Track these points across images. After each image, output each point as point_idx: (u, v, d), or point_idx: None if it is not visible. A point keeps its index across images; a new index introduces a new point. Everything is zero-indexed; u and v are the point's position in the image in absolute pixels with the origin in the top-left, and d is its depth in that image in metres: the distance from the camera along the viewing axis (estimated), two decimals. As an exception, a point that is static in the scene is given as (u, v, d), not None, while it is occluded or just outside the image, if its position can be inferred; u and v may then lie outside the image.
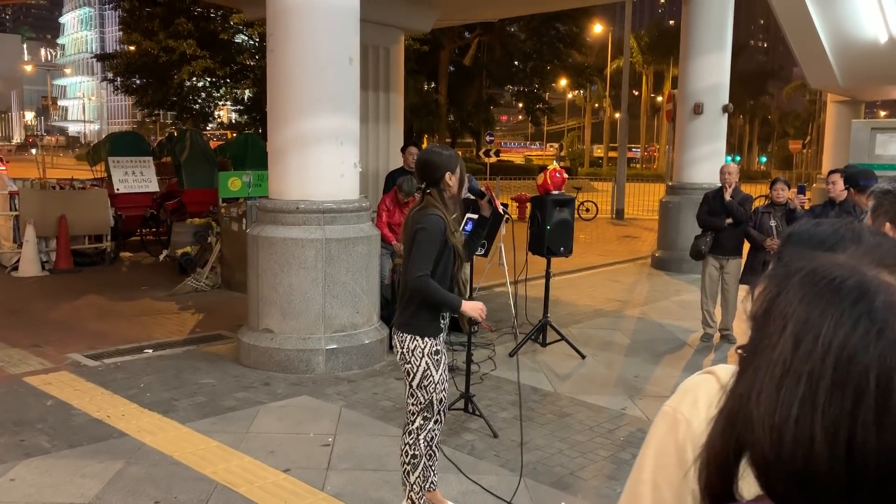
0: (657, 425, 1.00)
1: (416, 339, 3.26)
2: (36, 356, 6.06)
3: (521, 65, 30.36)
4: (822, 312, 0.56)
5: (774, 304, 0.60)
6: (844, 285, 0.57)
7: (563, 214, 6.42)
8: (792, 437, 0.54)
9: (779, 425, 0.55)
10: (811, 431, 0.54)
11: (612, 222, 18.75)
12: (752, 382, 0.58)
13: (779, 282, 0.62)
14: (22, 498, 3.62)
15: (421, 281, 3.21)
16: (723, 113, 11.00)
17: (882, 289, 0.57)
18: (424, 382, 3.29)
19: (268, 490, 3.75)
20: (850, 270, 0.59)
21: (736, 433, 0.59)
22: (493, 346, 6.44)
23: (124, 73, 25.03)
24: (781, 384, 0.56)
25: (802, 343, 0.56)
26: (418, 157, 3.47)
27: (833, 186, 6.00)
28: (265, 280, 5.88)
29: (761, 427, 0.56)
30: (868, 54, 14.31)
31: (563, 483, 3.95)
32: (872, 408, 0.53)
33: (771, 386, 0.57)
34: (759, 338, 0.60)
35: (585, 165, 49.45)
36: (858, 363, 0.54)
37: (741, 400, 0.59)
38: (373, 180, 10.28)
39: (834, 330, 0.55)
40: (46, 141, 55.12)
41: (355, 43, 5.97)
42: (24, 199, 10.24)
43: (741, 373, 0.61)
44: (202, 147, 12.89)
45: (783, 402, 0.55)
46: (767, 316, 0.60)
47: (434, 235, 3.22)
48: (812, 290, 0.58)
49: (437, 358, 3.29)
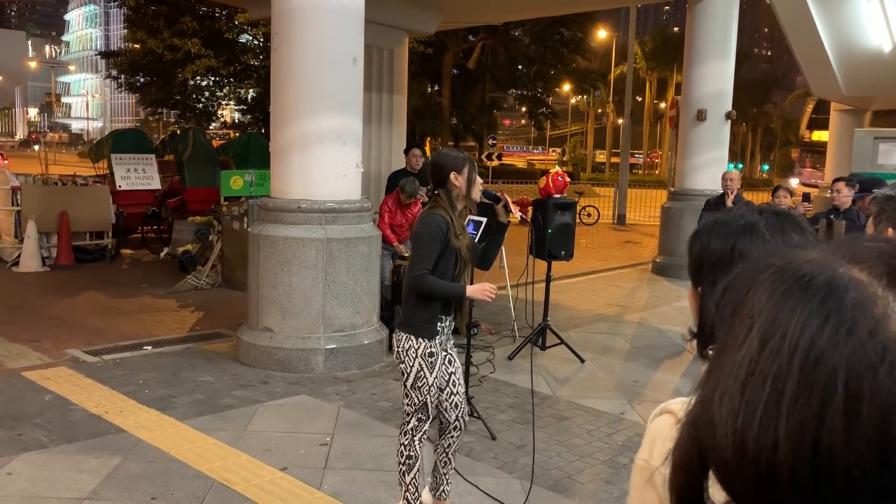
0: (635, 480, 1.00)
1: (411, 339, 3.26)
2: (35, 351, 6.06)
3: (525, 69, 30.36)
4: (789, 311, 0.53)
5: (742, 302, 0.58)
6: (813, 282, 0.54)
7: (564, 218, 6.42)
8: (755, 442, 0.52)
9: (741, 429, 0.52)
10: (775, 436, 0.51)
11: (614, 227, 18.75)
12: (716, 384, 0.56)
13: (747, 279, 0.59)
14: (18, 492, 3.62)
15: (419, 279, 3.21)
16: (726, 120, 11.00)
17: (852, 285, 0.53)
18: (418, 384, 3.28)
19: (265, 488, 3.74)
20: (821, 267, 0.56)
21: (699, 437, 0.57)
22: (492, 349, 6.43)
23: (128, 70, 25.04)
24: (745, 386, 0.53)
25: (769, 343, 0.53)
26: (431, 157, 3.51)
27: (838, 194, 5.99)
28: (265, 279, 5.87)
29: (723, 431, 0.53)
30: (872, 63, 14.31)
31: (560, 486, 3.94)
32: (840, 412, 0.50)
33: (735, 388, 0.54)
34: (726, 338, 0.58)
35: (588, 170, 49.47)
36: (826, 364, 0.51)
37: (704, 403, 0.57)
38: (375, 181, 10.29)
39: (801, 329, 0.52)
40: (49, 137, 55.18)
41: (359, 43, 5.97)
42: (26, 195, 10.25)
43: (707, 374, 0.58)
44: (205, 146, 12.90)
45: (747, 404, 0.52)
46: (735, 315, 0.58)
47: (433, 234, 3.22)
48: (780, 288, 0.55)
49: (432, 360, 3.28)
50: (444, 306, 3.32)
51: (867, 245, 0.59)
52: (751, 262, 0.62)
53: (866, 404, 0.50)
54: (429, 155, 8.59)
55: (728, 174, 6.89)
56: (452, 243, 3.25)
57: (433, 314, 3.28)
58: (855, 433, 0.50)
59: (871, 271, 0.55)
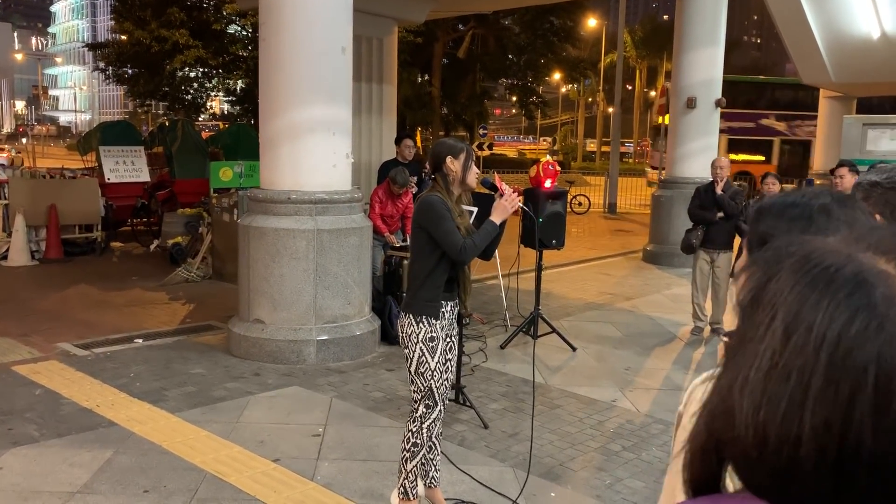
0: (675, 429, 1.08)
1: (413, 324, 3.28)
2: (25, 345, 6.03)
3: (515, 58, 30.27)
4: (815, 303, 0.52)
5: (764, 291, 0.56)
6: (840, 274, 0.53)
7: (555, 207, 6.42)
8: (777, 436, 0.51)
9: (763, 423, 0.52)
10: (799, 430, 0.50)
11: (605, 216, 18.78)
12: (736, 375, 0.55)
13: (768, 267, 0.57)
14: (10, 486, 3.61)
15: (463, 251, 3.24)
16: (715, 107, 11.01)
17: (881, 279, 0.52)
18: (421, 369, 3.30)
19: (257, 479, 3.74)
20: (846, 258, 0.54)
21: (717, 429, 0.56)
22: (484, 339, 6.44)
23: (116, 62, 24.82)
24: (768, 379, 0.52)
25: (794, 336, 0.52)
26: (434, 144, 3.52)
27: (841, 180, 5.94)
28: (256, 270, 5.86)
29: (744, 424, 0.53)
30: (861, 50, 14.35)
31: (552, 474, 3.96)
32: (869, 409, 0.49)
33: (757, 381, 0.53)
34: (745, 327, 0.56)
35: (578, 160, 49.46)
36: (855, 360, 0.50)
37: (723, 393, 0.56)
38: (365, 172, 10.25)
39: (829, 323, 0.51)
40: (37, 130, 54.76)
41: (348, 33, 5.94)
42: (13, 188, 10.17)
43: (726, 364, 0.57)
44: (194, 137, 12.83)
45: (770, 398, 0.52)
46: (756, 304, 0.56)
47: (442, 212, 3.25)
48: (805, 279, 0.54)
49: (433, 345, 3.29)
50: (447, 288, 3.33)
51: (890, 234, 0.58)
52: (773, 248, 0.59)
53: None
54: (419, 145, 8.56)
55: (718, 161, 6.90)
56: (455, 221, 3.28)
57: (436, 293, 3.29)
58: (883, 430, 0.49)
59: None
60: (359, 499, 3.61)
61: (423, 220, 3.28)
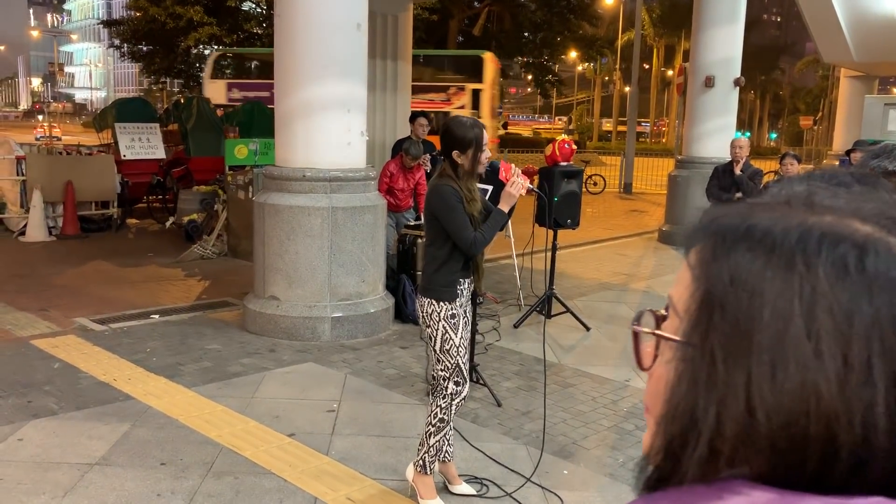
0: None
1: (433, 304, 3.29)
2: (43, 320, 6.10)
3: (531, 36, 29.97)
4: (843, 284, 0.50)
5: (737, 274, 0.52)
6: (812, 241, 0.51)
7: (570, 186, 6.38)
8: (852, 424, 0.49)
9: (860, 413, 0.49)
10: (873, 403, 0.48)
11: (620, 196, 18.67)
12: (753, 373, 0.50)
13: (725, 242, 0.54)
14: (30, 458, 3.67)
15: (473, 244, 3.27)
16: (734, 86, 10.87)
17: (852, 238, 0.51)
18: (446, 346, 3.31)
19: (272, 454, 3.78)
20: (800, 223, 0.52)
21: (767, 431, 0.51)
22: (497, 318, 6.45)
23: (131, 39, 24.87)
24: (846, 369, 0.49)
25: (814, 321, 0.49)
26: (444, 122, 3.48)
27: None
28: (271, 248, 5.88)
29: (839, 418, 0.49)
30: (884, 28, 14.09)
31: (565, 452, 3.97)
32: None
33: (830, 373, 0.49)
34: (756, 317, 0.52)
35: (594, 139, 49.12)
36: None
37: (771, 392, 0.51)
38: (380, 150, 10.22)
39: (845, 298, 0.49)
40: (53, 107, 55.03)
41: (363, 9, 5.89)
42: (30, 165, 10.24)
43: (732, 360, 0.52)
44: (209, 114, 12.83)
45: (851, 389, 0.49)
46: (753, 290, 0.52)
47: (453, 203, 3.25)
48: (774, 254, 0.51)
49: (455, 322, 3.31)
50: (463, 269, 3.35)
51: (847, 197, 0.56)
52: (717, 225, 0.56)
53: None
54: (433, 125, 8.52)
55: (737, 141, 6.83)
56: (467, 210, 3.27)
57: (453, 278, 3.31)
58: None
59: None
60: (373, 473, 3.64)
61: (435, 209, 3.29)
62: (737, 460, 0.52)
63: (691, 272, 0.57)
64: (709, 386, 0.53)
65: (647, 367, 0.61)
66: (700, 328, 0.54)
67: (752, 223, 0.54)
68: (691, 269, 0.57)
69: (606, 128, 57.22)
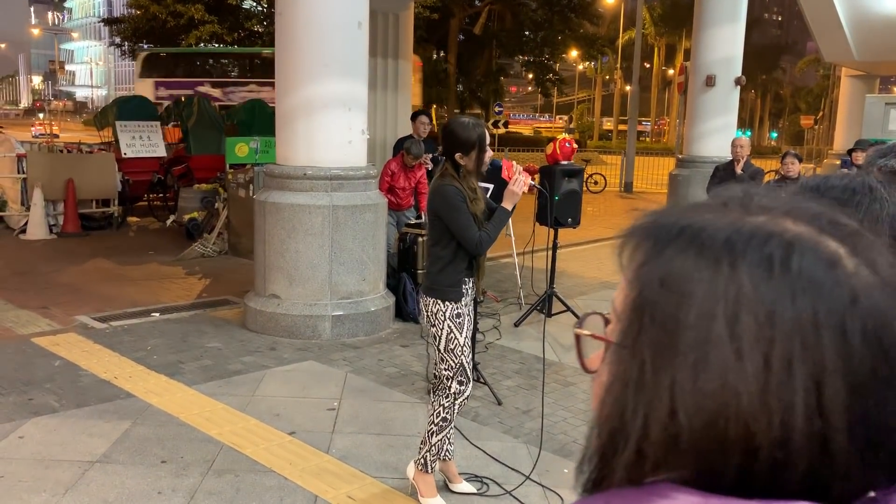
0: None
1: (439, 303, 3.29)
2: (44, 317, 6.10)
3: (532, 34, 29.97)
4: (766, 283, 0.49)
5: (667, 276, 0.52)
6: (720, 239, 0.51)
7: (571, 185, 6.38)
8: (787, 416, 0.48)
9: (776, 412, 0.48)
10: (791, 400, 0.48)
11: (621, 195, 18.66)
12: (678, 372, 0.50)
13: (658, 244, 0.54)
14: (31, 455, 3.67)
15: (480, 244, 3.27)
16: (735, 86, 10.87)
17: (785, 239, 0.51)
18: (451, 346, 3.31)
19: (273, 452, 3.78)
20: (732, 223, 0.52)
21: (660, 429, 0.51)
22: (498, 316, 6.45)
23: (131, 37, 24.86)
24: (766, 366, 0.48)
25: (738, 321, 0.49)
26: (447, 121, 3.48)
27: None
28: (272, 246, 5.88)
29: (760, 415, 0.49)
30: (885, 27, 14.08)
31: (565, 450, 3.98)
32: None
33: (748, 371, 0.49)
34: (681, 319, 0.51)
35: (595, 138, 49.12)
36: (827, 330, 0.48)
37: (693, 394, 0.50)
38: (380, 149, 10.22)
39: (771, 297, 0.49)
40: (54, 105, 55.04)
41: (364, 7, 5.89)
42: (31, 163, 10.24)
43: (659, 362, 0.52)
44: (209, 113, 12.83)
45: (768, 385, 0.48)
46: (681, 291, 0.52)
47: (457, 203, 3.25)
48: (706, 253, 0.51)
49: (460, 321, 3.31)
50: (468, 268, 3.35)
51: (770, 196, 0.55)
52: (649, 225, 0.56)
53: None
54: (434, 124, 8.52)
55: (738, 140, 6.83)
56: (470, 209, 3.27)
57: (458, 278, 3.31)
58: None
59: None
60: (374, 471, 3.64)
61: (438, 210, 3.28)
62: (665, 464, 0.52)
63: (625, 274, 0.57)
64: (637, 388, 0.53)
65: (592, 369, 0.62)
66: (632, 331, 0.54)
67: (685, 224, 0.54)
68: (624, 272, 0.57)
69: (607, 127, 57.20)
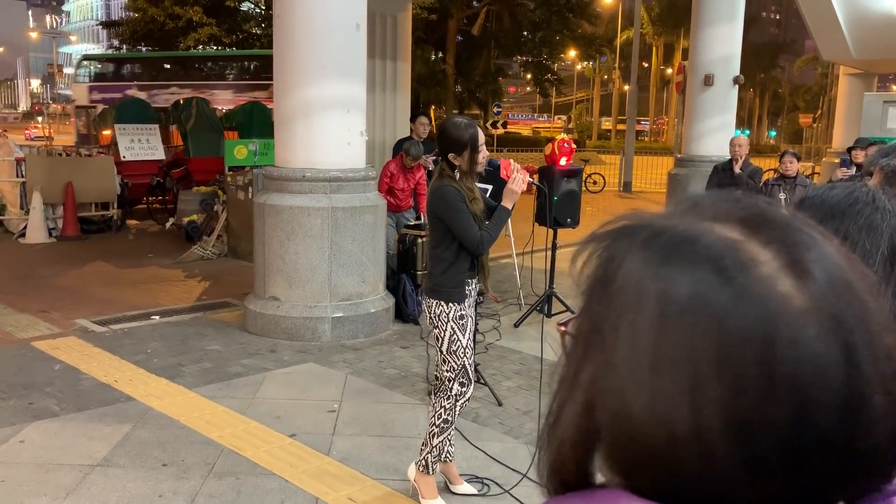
0: None
1: (442, 305, 3.29)
2: (44, 321, 6.10)
3: (530, 35, 29.99)
4: (687, 279, 0.49)
5: (614, 270, 0.52)
6: (696, 245, 0.50)
7: (570, 185, 6.38)
8: (680, 426, 0.47)
9: (662, 415, 0.48)
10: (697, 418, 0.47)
11: (620, 195, 18.66)
12: (611, 371, 0.50)
13: (614, 244, 0.55)
14: (31, 459, 3.67)
15: (481, 244, 3.27)
16: (733, 85, 10.87)
17: (726, 245, 0.50)
18: (453, 347, 3.30)
19: (274, 454, 3.78)
20: (694, 229, 0.51)
21: (603, 423, 0.51)
22: (498, 317, 6.45)
23: (130, 40, 24.88)
24: (655, 369, 0.48)
25: (670, 318, 0.48)
26: (442, 122, 3.48)
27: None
28: (271, 248, 5.88)
29: (648, 421, 0.48)
30: (883, 25, 14.08)
31: (566, 451, 3.97)
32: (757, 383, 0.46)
33: (642, 371, 0.48)
34: (601, 311, 0.52)
35: (594, 138, 49.15)
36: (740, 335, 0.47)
37: (594, 386, 0.51)
38: (379, 150, 10.22)
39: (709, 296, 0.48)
40: (52, 109, 55.00)
41: (362, 8, 5.90)
42: (30, 166, 10.24)
43: (586, 356, 0.53)
44: (208, 115, 12.84)
45: (660, 388, 0.48)
46: (608, 285, 0.52)
47: (457, 204, 3.24)
48: (661, 254, 0.51)
49: (463, 322, 3.31)
50: (470, 269, 3.35)
51: (730, 202, 0.55)
52: (613, 224, 0.57)
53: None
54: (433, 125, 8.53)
55: (736, 140, 6.83)
56: (470, 209, 3.27)
57: (461, 279, 3.31)
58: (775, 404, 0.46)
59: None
60: (375, 473, 3.64)
61: (438, 211, 3.28)
62: (608, 468, 0.52)
63: (580, 274, 0.57)
64: (569, 382, 0.55)
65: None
66: (579, 334, 0.55)
67: (626, 225, 0.56)
68: (580, 272, 0.57)
69: (606, 126, 57.21)
